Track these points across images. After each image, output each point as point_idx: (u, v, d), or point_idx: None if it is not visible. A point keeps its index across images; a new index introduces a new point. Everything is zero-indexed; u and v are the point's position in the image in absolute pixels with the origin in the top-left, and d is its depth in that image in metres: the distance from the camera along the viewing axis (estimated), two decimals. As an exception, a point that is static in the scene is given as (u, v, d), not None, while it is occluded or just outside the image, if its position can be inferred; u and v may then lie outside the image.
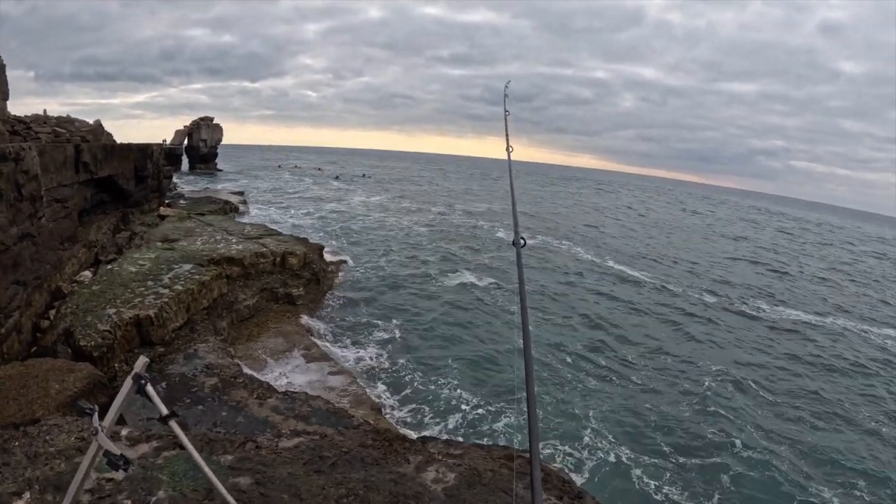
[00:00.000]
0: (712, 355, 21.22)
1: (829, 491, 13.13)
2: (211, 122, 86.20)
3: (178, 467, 5.50)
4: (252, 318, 18.70)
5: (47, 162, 17.49)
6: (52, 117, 28.31)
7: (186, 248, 20.69)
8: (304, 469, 5.90)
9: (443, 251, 36.13)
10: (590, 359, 19.54)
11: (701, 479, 12.94)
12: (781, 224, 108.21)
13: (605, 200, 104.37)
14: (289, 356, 16.15)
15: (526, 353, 2.60)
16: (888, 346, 25.46)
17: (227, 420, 10.65)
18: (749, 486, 12.90)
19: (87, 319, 13.26)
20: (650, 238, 54.03)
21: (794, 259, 52.82)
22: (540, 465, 2.13)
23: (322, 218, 46.54)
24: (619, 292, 29.84)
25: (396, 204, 62.93)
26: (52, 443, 5.87)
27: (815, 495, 12.93)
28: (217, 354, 14.01)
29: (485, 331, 21.52)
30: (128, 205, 28.71)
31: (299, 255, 22.20)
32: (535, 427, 2.24)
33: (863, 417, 17.44)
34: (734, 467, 13.56)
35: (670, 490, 12.38)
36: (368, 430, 8.00)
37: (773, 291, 34.86)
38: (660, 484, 12.55)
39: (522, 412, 15.03)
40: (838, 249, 71.32)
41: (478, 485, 5.97)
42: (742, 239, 64.63)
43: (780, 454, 14.41)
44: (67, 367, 10.20)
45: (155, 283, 16.17)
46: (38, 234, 15.10)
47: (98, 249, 21.51)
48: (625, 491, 12.32)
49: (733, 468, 13.52)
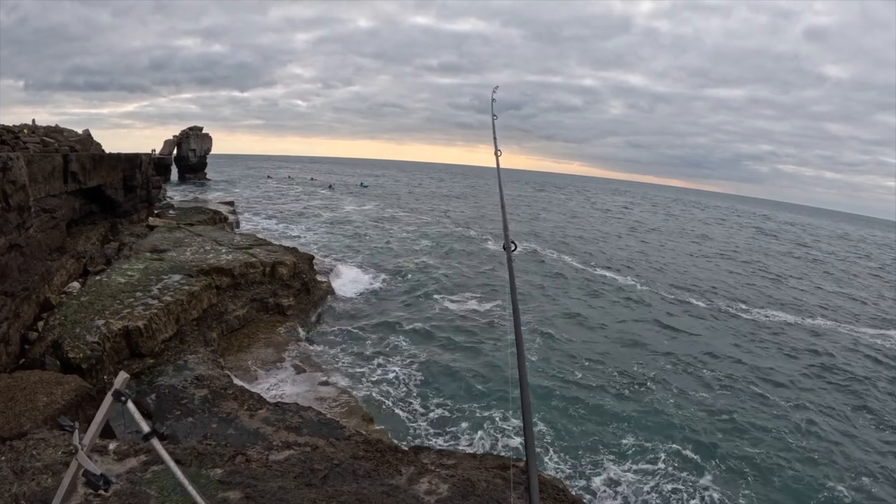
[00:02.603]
0: (711, 362, 21.29)
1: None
2: (200, 131, 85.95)
3: (167, 482, 5.44)
4: (242, 329, 18.57)
5: (35, 172, 17.36)
6: (40, 127, 28.13)
7: (176, 259, 20.55)
8: (295, 482, 5.84)
9: (436, 260, 36.11)
10: (581, 365, 19.52)
11: (701, 481, 12.96)
12: (761, 225, 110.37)
13: (591, 206, 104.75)
14: (279, 367, 16.05)
15: (519, 360, 2.56)
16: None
17: (217, 432, 10.54)
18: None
19: (76, 331, 13.13)
20: (644, 243, 54.26)
21: (775, 259, 53.26)
22: (537, 473, 2.11)
23: (314, 227, 46.46)
24: (609, 297, 29.95)
25: (390, 212, 62.91)
26: (38, 457, 5.79)
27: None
28: (207, 365, 13.90)
29: (478, 338, 21.47)
30: (116, 215, 28.48)
31: (289, 265, 22.11)
32: (531, 434, 2.21)
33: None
34: (734, 470, 13.60)
35: (667, 497, 12.39)
36: (360, 441, 7.95)
37: (755, 291, 35.13)
38: (653, 489, 12.55)
39: (518, 419, 15.03)
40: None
41: (472, 495, 5.94)
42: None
43: (784, 467, 14.47)
44: (55, 379, 10.08)
45: (144, 294, 16.05)
46: (26, 244, 14.95)
47: (87, 260, 21.30)
48: (619, 497, 12.30)
49: (733, 470, 13.56)
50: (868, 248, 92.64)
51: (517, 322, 2.86)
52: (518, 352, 2.63)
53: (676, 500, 12.37)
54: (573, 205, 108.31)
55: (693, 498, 12.49)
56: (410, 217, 60.44)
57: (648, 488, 12.64)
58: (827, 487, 13.64)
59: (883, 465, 15.10)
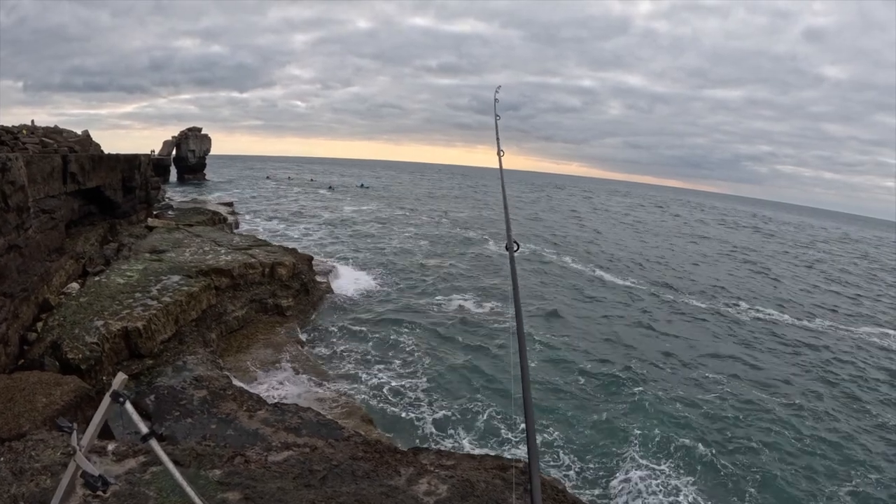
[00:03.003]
0: (712, 363, 21.31)
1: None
2: (199, 132, 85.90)
3: (166, 483, 5.43)
4: (241, 330, 18.57)
5: (34, 172, 17.35)
6: (39, 127, 28.12)
7: (175, 260, 20.53)
8: (294, 483, 5.84)
9: (435, 261, 36.10)
10: (580, 366, 19.52)
11: (701, 484, 12.97)
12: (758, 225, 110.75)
13: (591, 206, 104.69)
14: (278, 367, 16.05)
15: (522, 360, 2.53)
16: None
17: (216, 433, 10.53)
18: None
19: (75, 332, 13.11)
20: (643, 243, 54.27)
21: (771, 259, 53.30)
22: (539, 474, 2.09)
23: (313, 228, 46.45)
24: (608, 297, 29.96)
25: (389, 213, 62.90)
26: (37, 458, 5.78)
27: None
28: (206, 366, 13.90)
29: (477, 339, 21.46)
30: (116, 216, 28.46)
31: (288, 266, 22.10)
32: (533, 434, 2.20)
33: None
34: (732, 473, 13.60)
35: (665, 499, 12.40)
36: (359, 442, 7.94)
37: (755, 291, 35.15)
38: (657, 491, 12.55)
39: (521, 419, 15.02)
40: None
41: (471, 496, 5.94)
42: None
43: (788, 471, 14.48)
44: (55, 380, 10.07)
45: (143, 295, 16.03)
46: (25, 245, 14.95)
47: (86, 261, 21.28)
48: (618, 498, 12.30)
49: (732, 473, 13.56)
50: (866, 248, 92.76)
51: (520, 322, 2.84)
52: (520, 352, 2.59)
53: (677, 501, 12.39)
54: (572, 204, 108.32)
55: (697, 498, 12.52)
56: (410, 217, 60.42)
57: (654, 490, 12.65)
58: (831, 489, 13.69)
59: (882, 465, 15.13)
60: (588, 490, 12.46)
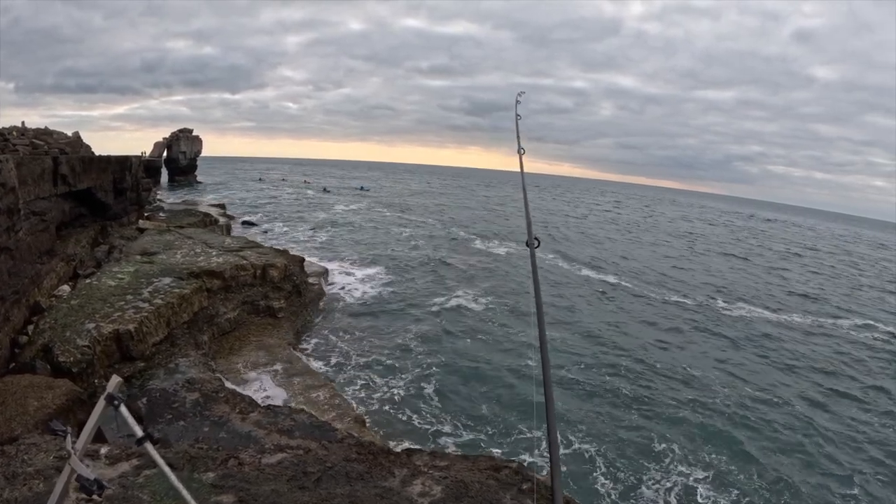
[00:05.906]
0: (715, 364, 21.40)
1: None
2: (190, 133, 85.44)
3: (160, 486, 5.42)
4: (233, 332, 18.52)
5: (25, 174, 17.25)
6: (30, 129, 27.95)
7: (166, 262, 20.43)
8: (288, 486, 5.85)
9: (431, 261, 36.12)
10: (585, 367, 19.58)
11: (701, 486, 13.05)
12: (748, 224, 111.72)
13: (585, 207, 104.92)
14: (271, 369, 16.01)
15: (543, 358, 2.49)
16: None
17: (209, 435, 10.51)
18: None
19: (66, 334, 13.03)
20: (632, 242, 54.48)
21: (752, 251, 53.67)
22: (560, 475, 2.05)
23: (306, 230, 46.34)
24: (608, 298, 30.07)
25: (383, 214, 62.85)
26: (30, 462, 5.76)
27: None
28: (198, 369, 13.85)
29: (475, 338, 21.50)
30: (106, 217, 28.33)
31: (280, 268, 22.01)
32: (555, 437, 2.14)
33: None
34: (731, 476, 13.69)
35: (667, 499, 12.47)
36: (353, 444, 7.94)
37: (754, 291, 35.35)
38: (657, 491, 12.62)
39: (515, 418, 15.07)
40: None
41: (465, 497, 5.95)
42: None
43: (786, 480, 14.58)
44: (46, 383, 10.05)
45: (134, 297, 15.94)
46: (16, 247, 14.85)
47: (76, 263, 21.16)
48: (616, 500, 12.36)
49: (731, 476, 13.64)
50: (856, 247, 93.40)
51: (540, 316, 2.82)
52: (542, 349, 2.56)
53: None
54: (563, 205, 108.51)
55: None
56: (404, 218, 60.39)
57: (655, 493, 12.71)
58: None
59: (881, 461, 15.30)
60: (577, 490, 12.52)
